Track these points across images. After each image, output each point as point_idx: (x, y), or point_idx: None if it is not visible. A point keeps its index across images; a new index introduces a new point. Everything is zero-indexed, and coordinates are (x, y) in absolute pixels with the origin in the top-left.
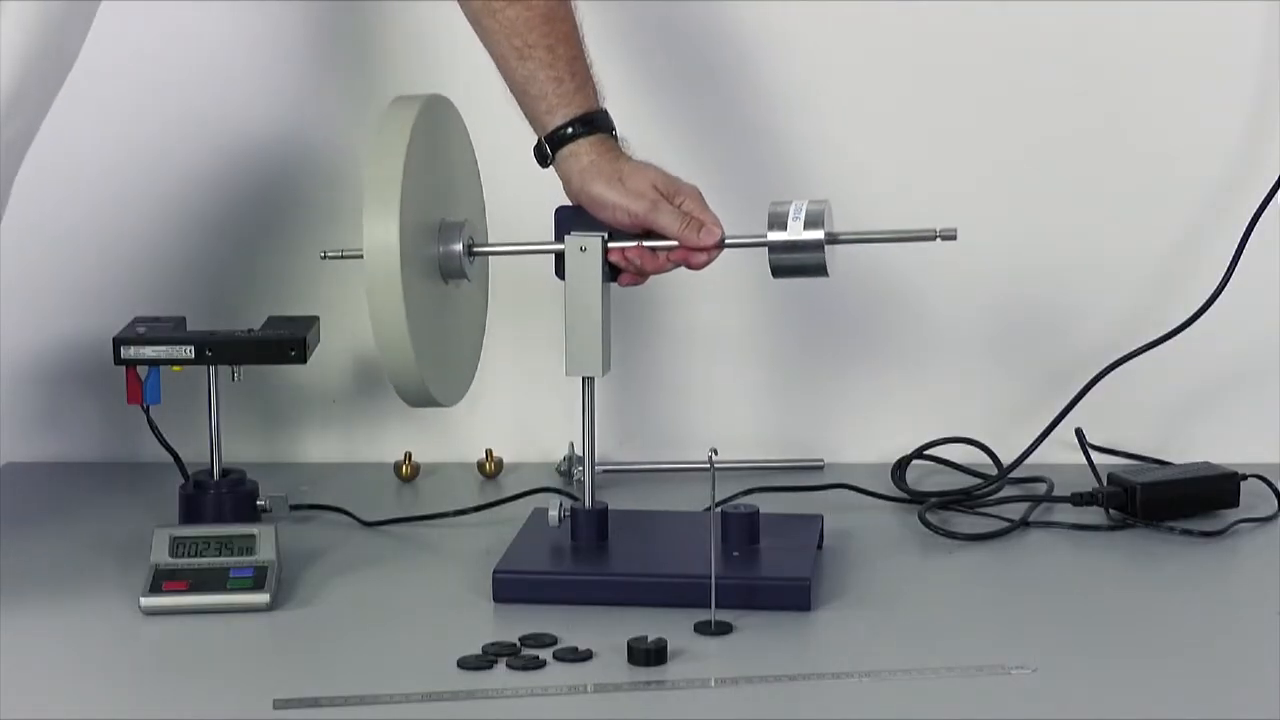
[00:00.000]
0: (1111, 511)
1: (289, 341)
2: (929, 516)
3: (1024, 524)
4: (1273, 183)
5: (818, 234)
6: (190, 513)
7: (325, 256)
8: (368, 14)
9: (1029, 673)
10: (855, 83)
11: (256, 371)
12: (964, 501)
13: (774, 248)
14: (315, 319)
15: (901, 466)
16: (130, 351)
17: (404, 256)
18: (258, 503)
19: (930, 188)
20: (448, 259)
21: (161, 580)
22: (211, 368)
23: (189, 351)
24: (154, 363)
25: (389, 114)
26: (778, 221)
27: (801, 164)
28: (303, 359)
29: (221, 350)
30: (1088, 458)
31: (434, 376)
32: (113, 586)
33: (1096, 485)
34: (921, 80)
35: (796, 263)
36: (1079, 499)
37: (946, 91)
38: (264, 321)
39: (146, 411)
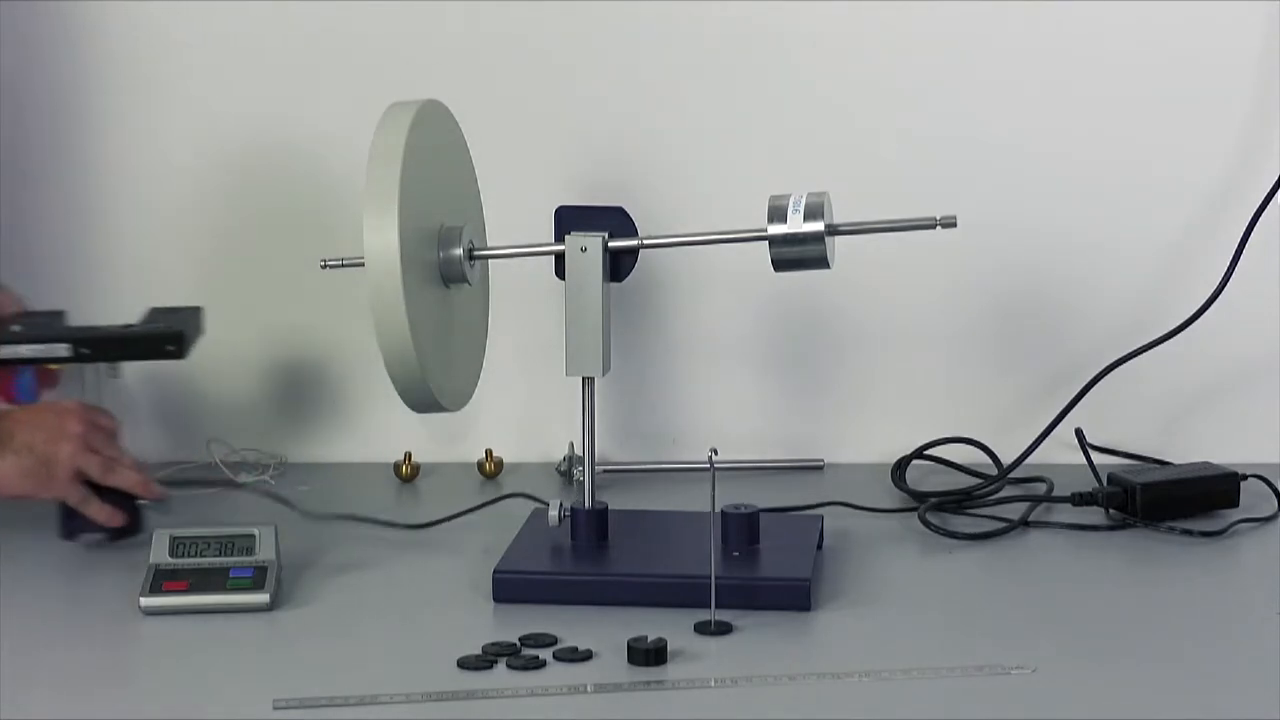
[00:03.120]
0: (1111, 511)
1: (166, 335)
2: (929, 516)
3: (1024, 524)
4: (1273, 183)
5: (818, 226)
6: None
7: (326, 266)
8: (365, 17)
9: (1029, 673)
10: (855, 77)
11: (256, 371)
12: (964, 502)
13: (774, 241)
14: (198, 309)
15: (901, 466)
16: (6, 350)
17: (405, 263)
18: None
19: (929, 188)
20: (449, 264)
21: (161, 580)
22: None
23: (65, 350)
24: (29, 361)
25: (385, 121)
26: (777, 214)
27: (800, 157)
28: (180, 354)
29: (98, 347)
30: (1088, 458)
31: (439, 382)
32: (113, 586)
33: (1096, 485)
34: (920, 78)
35: (797, 255)
36: (1079, 499)
37: (945, 90)
38: (146, 314)
39: None
